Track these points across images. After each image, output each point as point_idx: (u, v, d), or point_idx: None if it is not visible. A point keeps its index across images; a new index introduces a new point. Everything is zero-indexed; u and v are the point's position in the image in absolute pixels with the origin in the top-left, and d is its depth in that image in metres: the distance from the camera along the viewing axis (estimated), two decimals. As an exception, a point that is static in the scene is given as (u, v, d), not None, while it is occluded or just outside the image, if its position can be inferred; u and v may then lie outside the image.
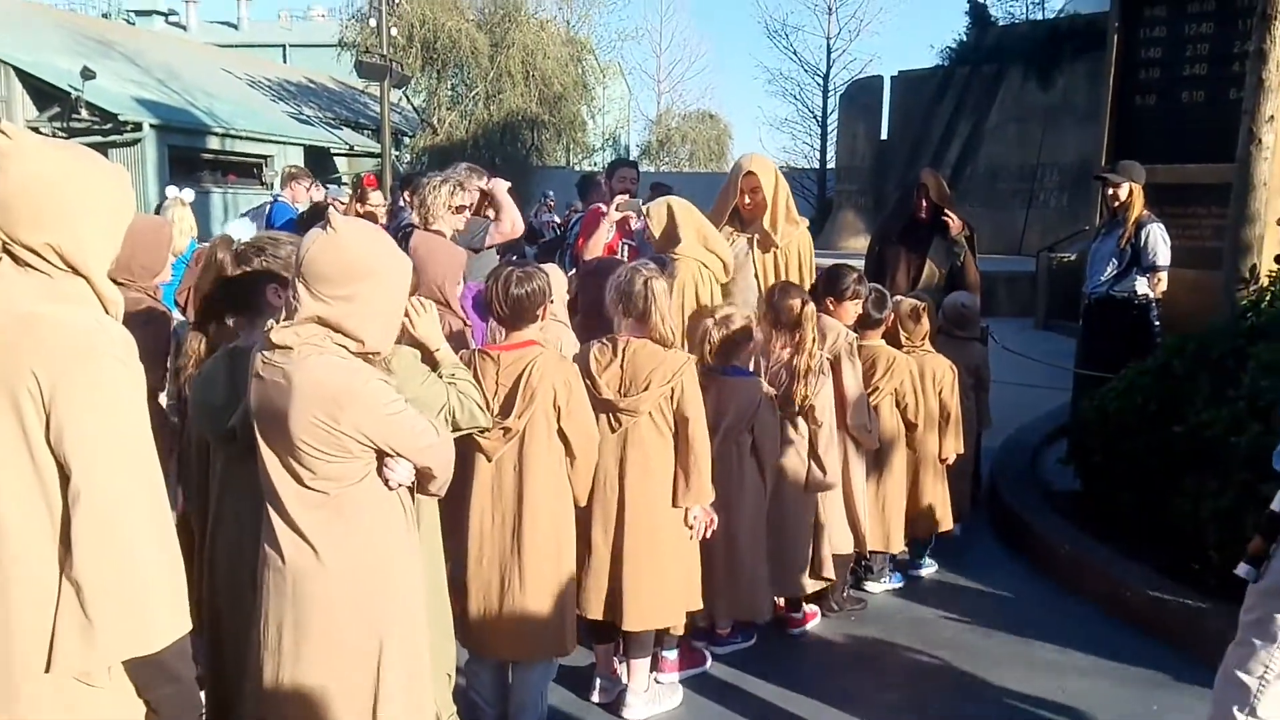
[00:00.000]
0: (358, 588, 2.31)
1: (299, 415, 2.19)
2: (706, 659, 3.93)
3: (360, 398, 2.23)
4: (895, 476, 4.59)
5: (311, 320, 2.21)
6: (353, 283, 2.21)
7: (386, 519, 2.37)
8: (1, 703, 1.80)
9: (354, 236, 2.26)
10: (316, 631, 2.29)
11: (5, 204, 1.81)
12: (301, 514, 2.27)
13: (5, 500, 1.77)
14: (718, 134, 44.99)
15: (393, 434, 2.27)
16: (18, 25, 22.73)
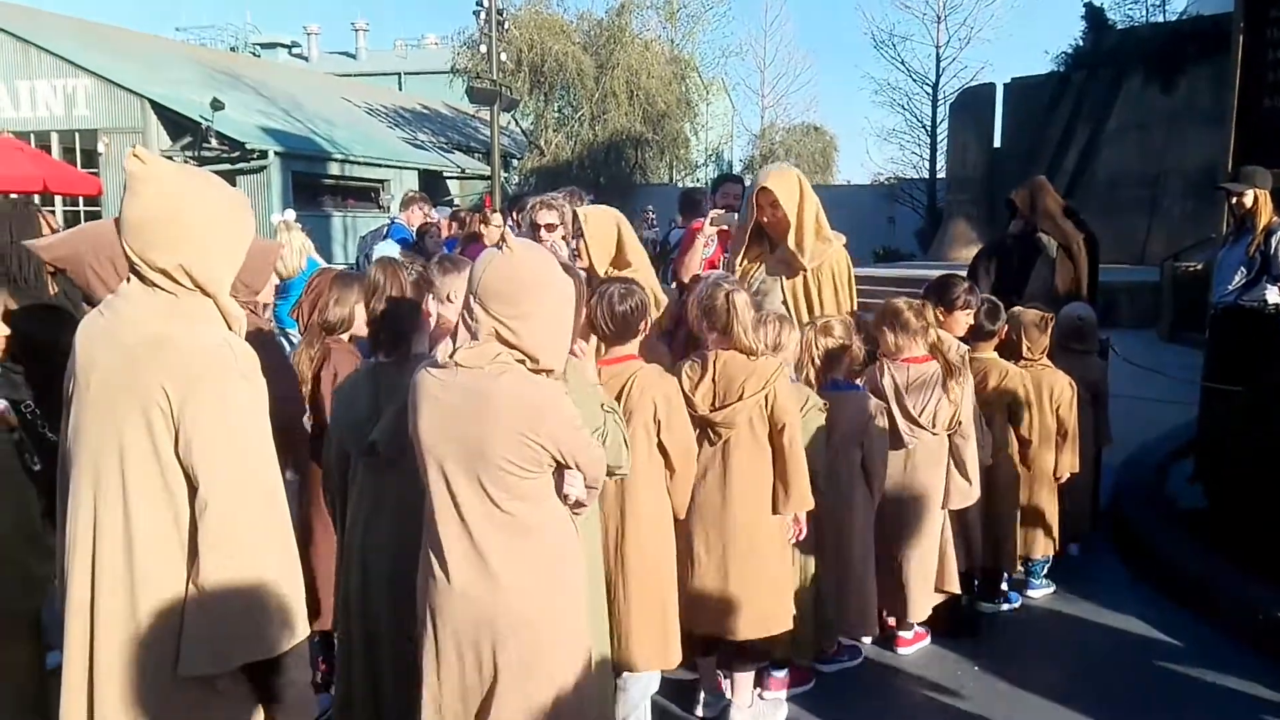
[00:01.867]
0: (545, 608, 2.35)
1: (502, 431, 2.25)
2: (813, 675, 3.88)
3: (556, 409, 2.31)
4: (1007, 494, 4.46)
5: (491, 338, 2.27)
6: (526, 301, 2.27)
7: (566, 539, 2.43)
8: (130, 702, 1.90)
9: (527, 256, 2.32)
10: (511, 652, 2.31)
11: (137, 226, 1.93)
12: (489, 535, 2.30)
13: (136, 510, 1.88)
14: (823, 146, 44.51)
15: (578, 447, 2.34)
16: (153, 60, 24.14)
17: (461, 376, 2.27)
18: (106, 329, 1.96)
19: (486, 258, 2.32)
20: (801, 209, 4.09)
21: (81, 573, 1.91)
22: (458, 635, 2.34)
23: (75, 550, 1.93)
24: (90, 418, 1.92)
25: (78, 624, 1.92)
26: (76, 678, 1.92)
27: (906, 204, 28.67)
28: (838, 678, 3.92)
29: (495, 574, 2.29)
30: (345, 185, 24.87)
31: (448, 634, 2.35)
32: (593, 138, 28.54)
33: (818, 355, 3.69)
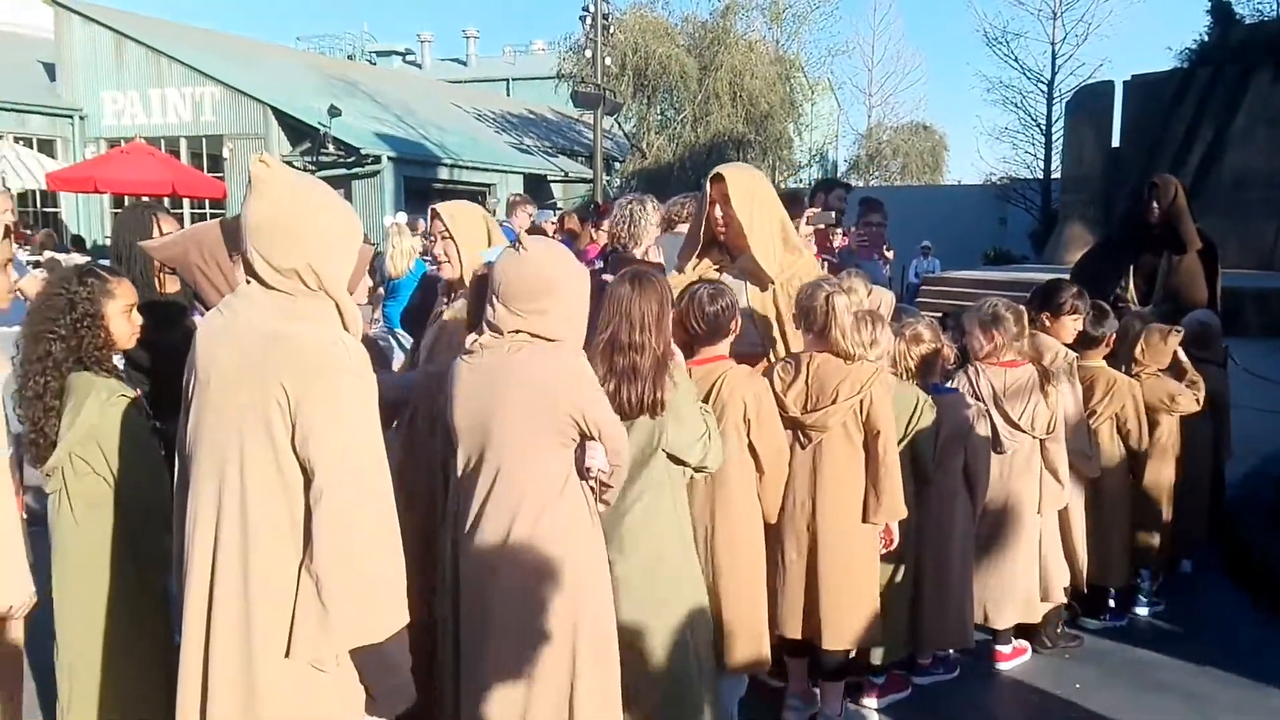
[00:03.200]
0: (551, 587, 2.43)
1: (524, 403, 2.36)
2: (909, 686, 3.84)
3: (579, 377, 2.42)
4: (1115, 507, 4.32)
5: (514, 333, 2.41)
6: (545, 297, 2.40)
7: (582, 521, 2.50)
8: (242, 684, 2.01)
9: (541, 254, 2.44)
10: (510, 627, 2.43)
11: (260, 228, 2.06)
12: (501, 513, 2.42)
13: (253, 499, 2.00)
14: (932, 145, 43.64)
15: (603, 417, 2.42)
16: (275, 69, 25.20)
17: (485, 358, 2.41)
18: (227, 327, 2.08)
19: (505, 259, 2.44)
20: (755, 213, 3.49)
21: (202, 558, 2.03)
22: (469, 605, 2.45)
23: (196, 537, 2.05)
24: (212, 412, 2.05)
25: (196, 607, 2.04)
26: (193, 657, 2.04)
27: (1019, 205, 27.86)
28: (932, 690, 3.87)
29: (502, 553, 2.40)
30: (454, 189, 25.49)
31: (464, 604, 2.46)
32: (694, 139, 28.57)
33: (911, 363, 3.65)
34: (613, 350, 2.75)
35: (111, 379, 2.78)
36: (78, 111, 23.37)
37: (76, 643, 2.79)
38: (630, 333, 2.76)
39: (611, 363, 2.76)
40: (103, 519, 2.76)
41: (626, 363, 2.74)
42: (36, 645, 2.93)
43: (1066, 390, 4.04)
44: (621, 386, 2.75)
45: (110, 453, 2.73)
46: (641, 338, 2.77)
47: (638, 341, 2.77)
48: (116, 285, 2.86)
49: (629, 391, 2.75)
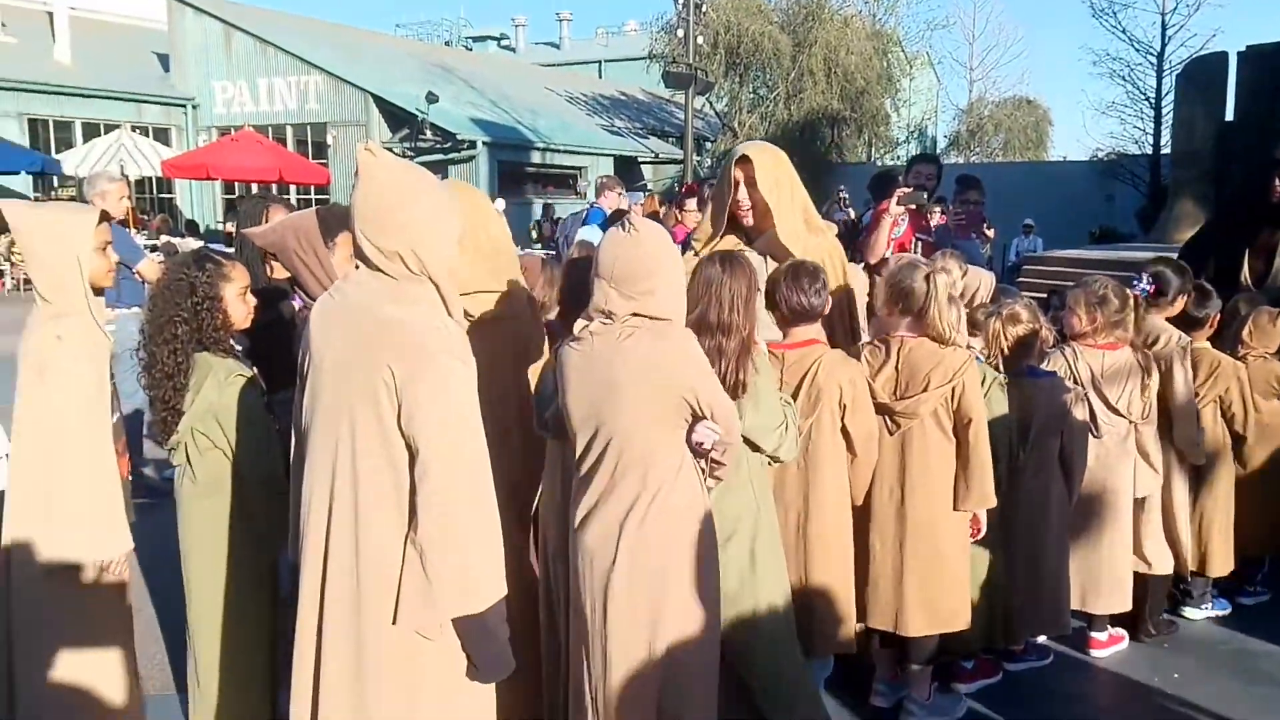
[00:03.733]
0: (676, 568, 2.48)
1: (640, 386, 2.41)
2: (999, 671, 3.82)
3: (692, 358, 2.46)
4: (1219, 493, 4.20)
5: (623, 314, 2.44)
6: (653, 277, 2.43)
7: (699, 500, 2.55)
8: (352, 650, 2.14)
9: (650, 234, 2.48)
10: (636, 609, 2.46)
11: (365, 212, 2.16)
12: (619, 499, 2.45)
13: (363, 476, 2.12)
14: (1036, 120, 42.18)
15: (715, 397, 2.47)
16: (376, 57, 25.82)
17: (597, 344, 2.44)
18: (339, 310, 2.20)
19: (614, 240, 2.46)
20: (780, 194, 3.38)
21: (316, 530, 2.16)
22: (585, 587, 2.48)
23: (311, 510, 2.18)
24: (326, 391, 2.17)
25: (311, 576, 2.17)
26: (308, 624, 2.18)
27: (1126, 181, 26.78)
28: (1025, 677, 3.83)
29: (625, 529, 2.43)
30: (545, 172, 25.79)
31: (579, 586, 2.50)
32: (787, 118, 28.23)
33: (1006, 345, 3.59)
34: (700, 330, 2.78)
35: (229, 359, 2.96)
36: (190, 101, 24.35)
37: (200, 605, 3.00)
38: (719, 313, 2.78)
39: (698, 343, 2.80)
40: (222, 491, 2.95)
41: (713, 343, 2.77)
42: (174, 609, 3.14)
43: (1179, 375, 3.95)
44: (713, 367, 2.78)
45: (228, 428, 2.91)
46: (730, 318, 2.79)
47: (726, 322, 2.79)
48: (231, 269, 3.04)
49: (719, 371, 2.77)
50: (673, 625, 2.48)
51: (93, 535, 2.68)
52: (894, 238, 5.22)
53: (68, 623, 2.72)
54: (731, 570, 2.84)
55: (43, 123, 21.81)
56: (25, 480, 2.66)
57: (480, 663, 2.19)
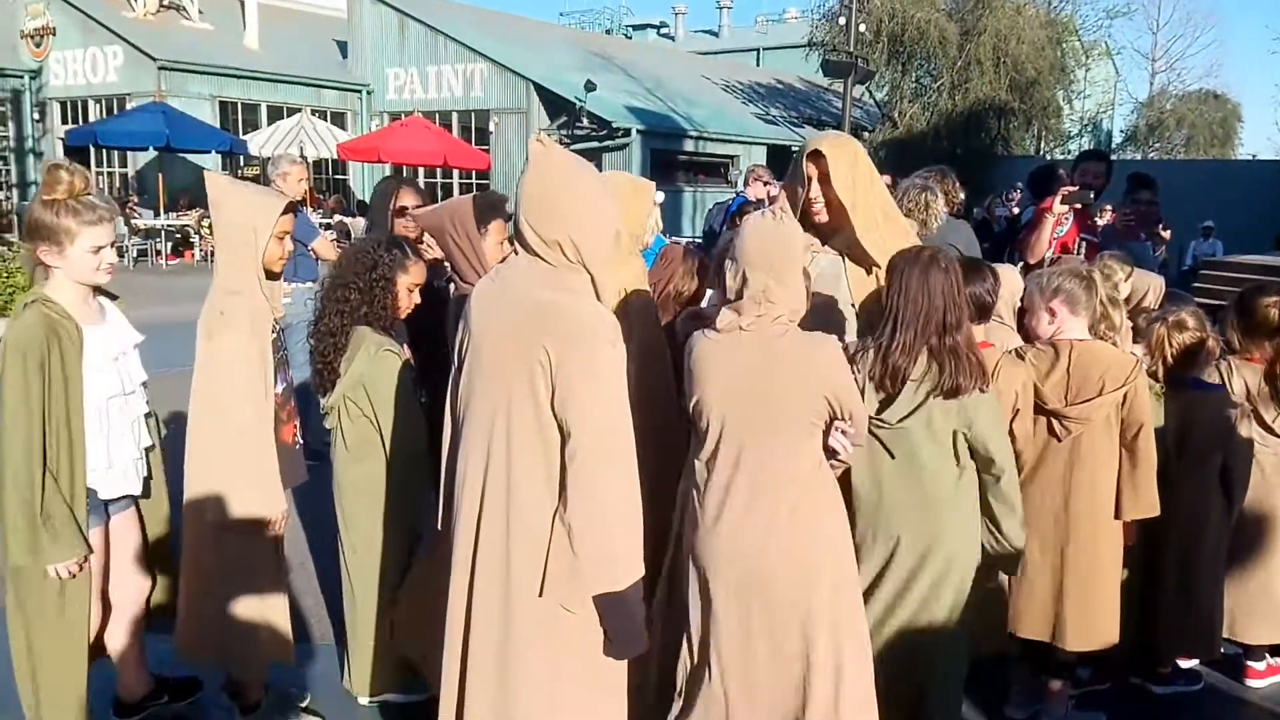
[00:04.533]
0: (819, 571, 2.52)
1: (796, 386, 2.45)
2: (1115, 675, 3.67)
3: (840, 361, 2.51)
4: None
5: (758, 301, 2.45)
6: (788, 266, 2.47)
7: (838, 501, 2.58)
8: (500, 617, 2.26)
9: (789, 224, 2.51)
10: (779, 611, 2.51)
11: (531, 200, 2.26)
12: (768, 489, 2.49)
13: (516, 453, 2.23)
14: (1223, 116, 39.41)
15: (855, 399, 2.50)
16: (537, 45, 26.42)
17: (747, 339, 2.45)
18: (499, 293, 2.32)
19: (755, 225, 2.48)
20: (857, 191, 3.08)
21: (470, 503, 2.29)
22: (727, 585, 2.50)
23: (466, 484, 2.31)
24: (484, 372, 2.29)
25: (463, 546, 2.30)
26: (459, 591, 2.32)
27: (1323, 182, 24.71)
28: (1172, 702, 3.67)
29: (774, 527, 2.46)
30: (698, 161, 25.80)
31: (718, 584, 2.52)
32: (951, 108, 27.30)
33: (1171, 353, 3.43)
34: (933, 332, 2.76)
35: (384, 336, 3.15)
36: (365, 86, 25.52)
37: (355, 563, 3.22)
38: (950, 311, 2.77)
39: (930, 344, 2.76)
40: (371, 457, 3.14)
41: (950, 343, 2.76)
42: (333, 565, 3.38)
43: None
44: (945, 367, 2.75)
45: (376, 399, 3.09)
46: (961, 316, 2.79)
47: (957, 321, 2.78)
48: (413, 265, 3.24)
49: (956, 370, 2.74)
50: (824, 624, 2.51)
51: (249, 495, 2.90)
52: (1056, 237, 5.05)
53: (227, 571, 2.97)
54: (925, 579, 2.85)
55: (232, 105, 23.32)
56: (195, 441, 2.91)
57: (617, 638, 2.27)
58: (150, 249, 18.58)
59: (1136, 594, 3.29)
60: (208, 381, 2.87)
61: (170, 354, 4.48)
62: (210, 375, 2.86)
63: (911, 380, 2.75)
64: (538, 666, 2.26)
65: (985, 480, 2.85)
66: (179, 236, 19.21)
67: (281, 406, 3.03)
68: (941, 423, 2.78)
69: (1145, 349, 3.49)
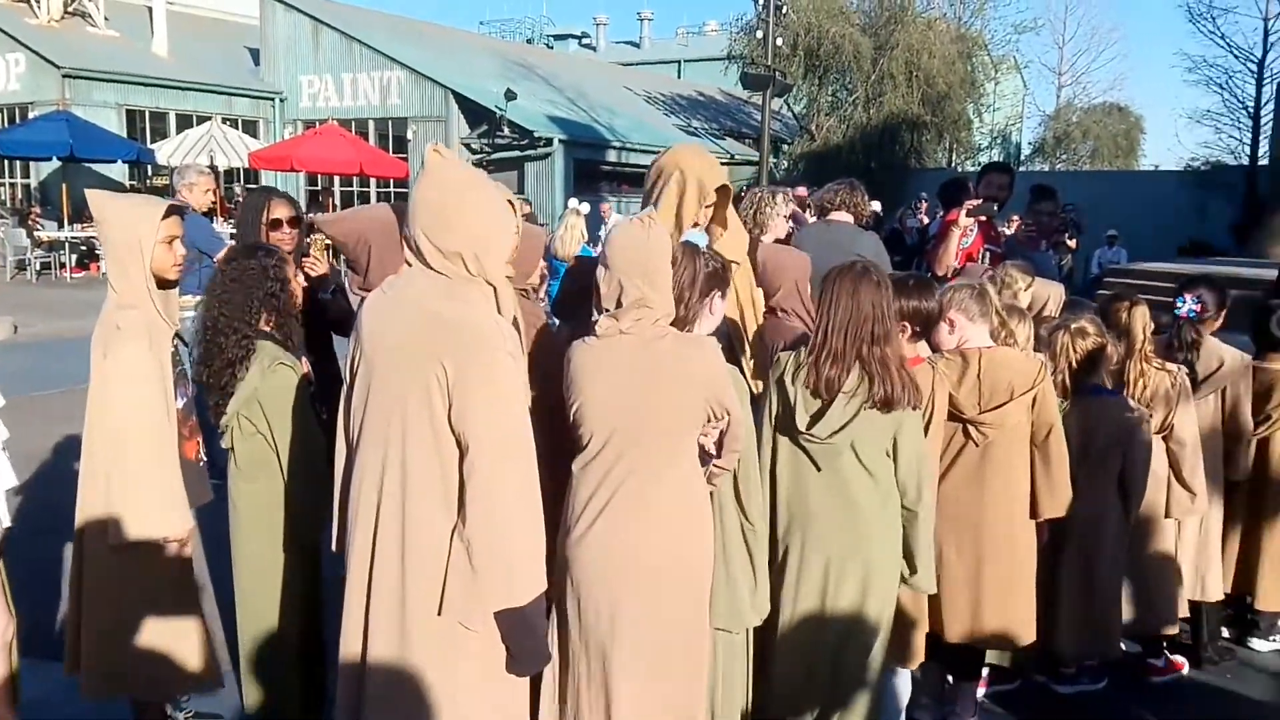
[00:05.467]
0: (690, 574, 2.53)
1: (675, 390, 2.44)
2: (1021, 674, 3.77)
3: (718, 364, 2.50)
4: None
5: (635, 305, 2.43)
6: (658, 269, 2.46)
7: (707, 506, 2.57)
8: (397, 640, 2.20)
9: (656, 228, 2.49)
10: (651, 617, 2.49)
11: (429, 211, 2.21)
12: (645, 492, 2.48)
13: (412, 469, 2.17)
14: (1126, 128, 40.94)
15: (734, 403, 2.50)
16: (457, 53, 26.21)
17: (627, 344, 2.43)
18: (392, 307, 2.26)
19: (626, 232, 2.47)
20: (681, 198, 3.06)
21: (365, 521, 2.23)
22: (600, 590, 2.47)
23: (360, 502, 2.24)
24: (378, 388, 2.23)
25: (358, 566, 2.24)
26: (355, 613, 2.25)
27: (1221, 194, 25.85)
28: (1076, 701, 3.75)
29: (649, 532, 2.45)
30: (621, 171, 25.86)
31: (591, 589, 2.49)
32: (866, 121, 27.87)
33: (1075, 359, 3.51)
34: (863, 341, 2.77)
35: (277, 346, 3.04)
36: (278, 94, 24.99)
37: (246, 586, 3.10)
38: (882, 325, 2.78)
39: (861, 355, 2.77)
40: (264, 476, 3.02)
41: (880, 355, 2.77)
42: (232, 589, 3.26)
43: (1242, 396, 3.89)
44: (874, 378, 2.76)
45: (272, 415, 2.98)
46: (889, 328, 2.80)
47: (886, 333, 2.80)
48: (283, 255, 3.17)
49: (887, 381, 2.75)
50: (684, 627, 2.51)
51: (151, 516, 2.78)
52: (962, 248, 5.15)
53: (133, 596, 2.84)
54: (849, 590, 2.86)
55: (139, 113, 22.60)
56: (91, 461, 2.79)
57: (519, 654, 2.24)
58: (54, 261, 17.90)
59: (1040, 594, 3.34)
60: (105, 399, 2.74)
61: (75, 370, 4.29)
62: (107, 392, 2.74)
63: (843, 393, 2.76)
64: (438, 688, 2.21)
65: (903, 514, 2.88)
66: (84, 249, 18.53)
67: (183, 422, 2.92)
68: (871, 439, 2.80)
69: (1048, 356, 3.56)
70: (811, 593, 2.87)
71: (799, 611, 2.88)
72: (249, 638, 3.12)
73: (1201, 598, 3.92)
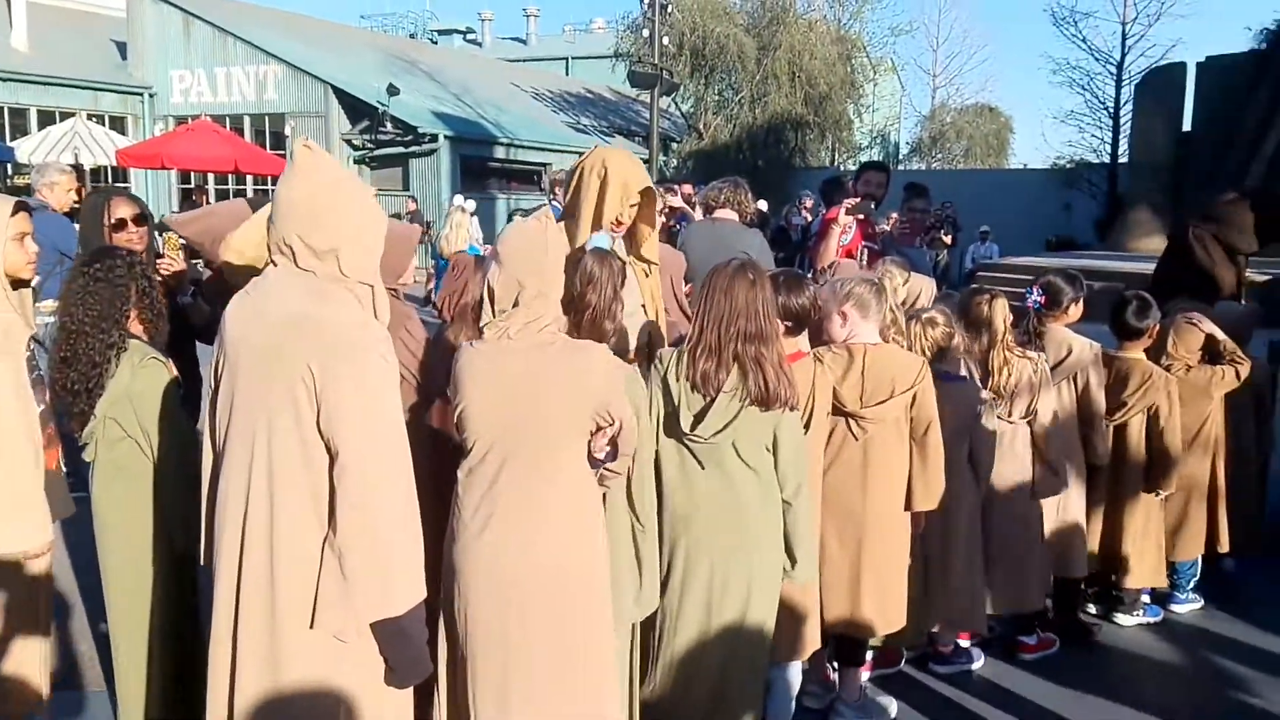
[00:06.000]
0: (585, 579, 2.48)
1: (562, 396, 2.39)
2: (901, 658, 3.90)
3: (608, 369, 2.45)
4: (1147, 504, 4.26)
5: (527, 307, 2.39)
6: (551, 271, 2.43)
7: (599, 510, 2.55)
8: (267, 653, 2.11)
9: (549, 227, 2.46)
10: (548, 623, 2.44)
11: (300, 210, 2.13)
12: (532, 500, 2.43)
13: (279, 477, 2.08)
14: (997, 128, 42.71)
15: (625, 408, 2.46)
16: (337, 48, 25.55)
17: (515, 348, 2.39)
18: (256, 308, 2.16)
19: (523, 232, 2.44)
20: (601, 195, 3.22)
21: (232, 533, 2.13)
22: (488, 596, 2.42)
23: (227, 512, 2.14)
24: (242, 390, 2.14)
25: (226, 580, 2.14)
26: (223, 629, 2.14)
27: (1085, 190, 27.19)
28: (954, 680, 3.88)
29: (536, 537, 2.41)
30: (510, 168, 25.65)
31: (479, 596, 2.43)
32: (752, 120, 28.35)
33: (926, 348, 3.61)
34: (737, 341, 2.77)
35: (145, 344, 2.90)
36: (148, 89, 23.91)
37: (117, 601, 2.94)
38: (755, 323, 2.77)
39: (739, 354, 2.77)
40: (134, 483, 2.86)
41: (754, 353, 2.77)
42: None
43: (1093, 382, 4.07)
44: (749, 376, 2.76)
45: (142, 416, 2.83)
46: (768, 327, 2.79)
47: (764, 332, 2.79)
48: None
49: (765, 380, 2.75)
50: (584, 629, 2.48)
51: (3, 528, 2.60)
52: (842, 245, 5.29)
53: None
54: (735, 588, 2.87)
55: (-4, 109, 21.38)
56: None
57: (399, 666, 2.17)
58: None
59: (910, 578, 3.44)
60: None
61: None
62: None
63: (724, 393, 2.77)
64: (313, 704, 2.12)
65: (783, 506, 2.91)
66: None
67: (40, 429, 2.74)
68: (752, 435, 2.82)
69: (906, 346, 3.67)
70: (696, 605, 2.88)
71: (682, 624, 2.89)
72: (122, 654, 2.95)
73: (1066, 575, 4.09)
